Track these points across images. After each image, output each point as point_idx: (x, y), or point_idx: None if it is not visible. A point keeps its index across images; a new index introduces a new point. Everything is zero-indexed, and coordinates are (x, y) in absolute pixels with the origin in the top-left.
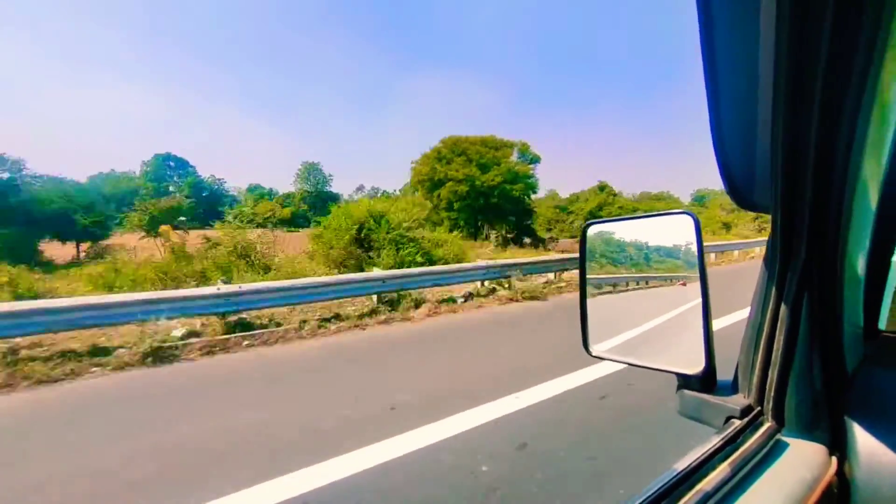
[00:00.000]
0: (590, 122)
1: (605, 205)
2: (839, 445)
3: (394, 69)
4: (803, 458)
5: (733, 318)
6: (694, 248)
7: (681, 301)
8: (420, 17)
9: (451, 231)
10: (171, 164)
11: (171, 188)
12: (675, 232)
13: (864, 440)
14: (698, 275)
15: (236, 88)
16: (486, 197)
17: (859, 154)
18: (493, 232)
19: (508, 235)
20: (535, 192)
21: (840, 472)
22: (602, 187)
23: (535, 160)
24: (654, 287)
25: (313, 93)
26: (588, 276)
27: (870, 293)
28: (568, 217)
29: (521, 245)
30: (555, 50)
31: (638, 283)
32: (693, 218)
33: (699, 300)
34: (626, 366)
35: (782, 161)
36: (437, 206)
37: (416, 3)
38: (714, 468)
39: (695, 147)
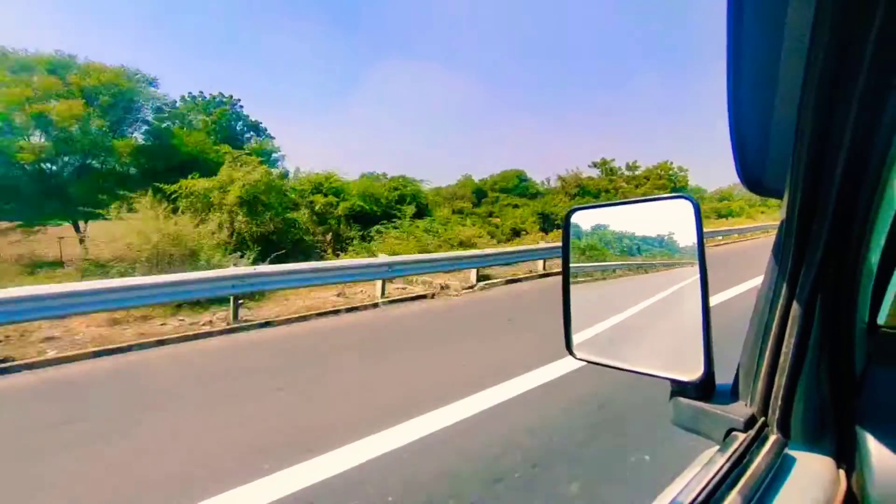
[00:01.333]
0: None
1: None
2: (846, 457)
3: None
4: (812, 476)
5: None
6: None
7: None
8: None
9: None
10: None
11: None
12: (670, 218)
13: (877, 452)
14: (697, 266)
15: None
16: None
17: None
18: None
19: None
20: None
21: (849, 488)
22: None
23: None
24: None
25: None
26: (571, 265)
27: (874, 285)
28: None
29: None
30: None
31: (631, 272)
32: (692, 202)
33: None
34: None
35: (810, 140)
36: None
37: None
38: (724, 499)
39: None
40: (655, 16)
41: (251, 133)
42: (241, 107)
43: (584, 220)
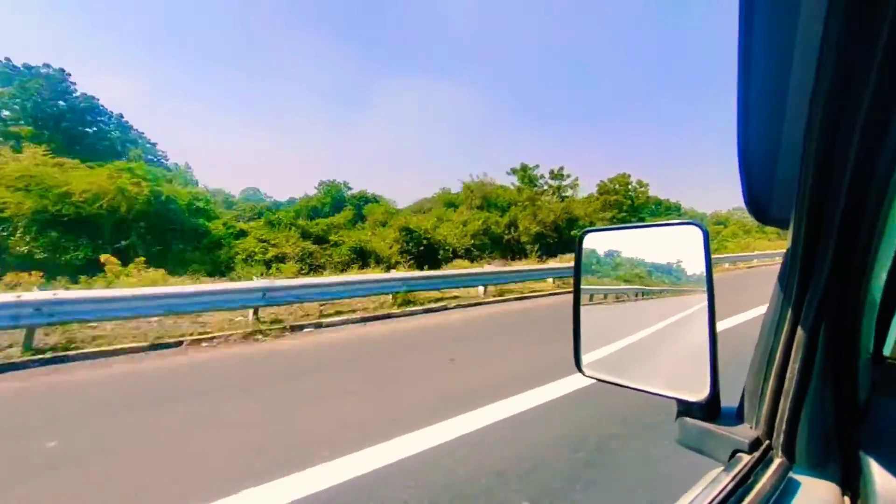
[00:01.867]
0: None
1: None
2: (851, 484)
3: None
4: (817, 501)
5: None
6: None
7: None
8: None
9: None
10: None
11: None
12: (680, 244)
13: (881, 480)
14: (705, 291)
15: None
16: None
17: None
18: None
19: None
20: None
21: None
22: None
23: None
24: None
25: None
26: (583, 287)
27: (881, 317)
28: None
29: None
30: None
31: (640, 296)
32: (701, 229)
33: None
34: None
35: (814, 171)
36: None
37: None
38: None
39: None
40: (669, 42)
41: (104, 118)
42: (73, 83)
43: (596, 242)
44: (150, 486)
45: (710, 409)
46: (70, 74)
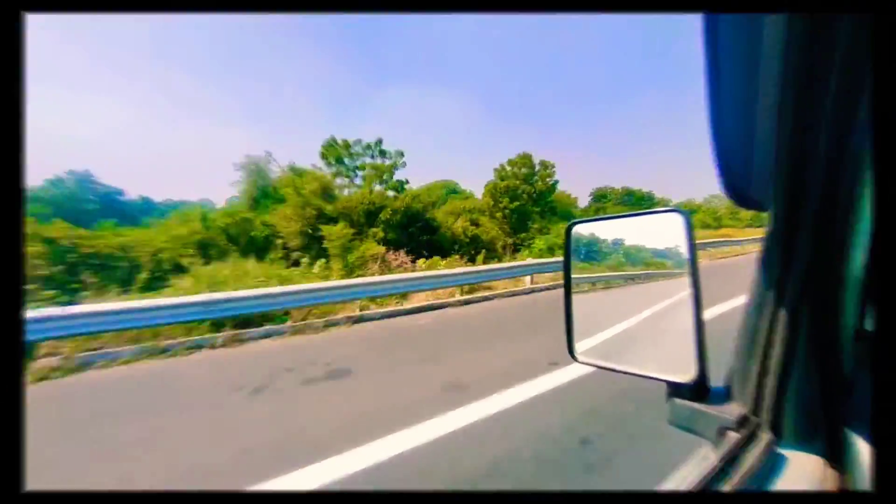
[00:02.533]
0: None
1: None
2: (836, 457)
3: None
4: (803, 473)
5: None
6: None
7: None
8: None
9: None
10: None
11: None
12: (664, 231)
13: (866, 452)
14: (689, 276)
15: None
16: None
17: (877, 144)
18: None
19: None
20: None
21: (838, 486)
22: None
23: None
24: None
25: None
26: (573, 276)
27: (863, 293)
28: None
29: None
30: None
31: (626, 282)
32: (683, 216)
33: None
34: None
35: (788, 154)
36: None
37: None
38: (716, 493)
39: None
40: (641, 41)
41: None
42: None
43: (583, 233)
44: None
45: (698, 390)
46: None
